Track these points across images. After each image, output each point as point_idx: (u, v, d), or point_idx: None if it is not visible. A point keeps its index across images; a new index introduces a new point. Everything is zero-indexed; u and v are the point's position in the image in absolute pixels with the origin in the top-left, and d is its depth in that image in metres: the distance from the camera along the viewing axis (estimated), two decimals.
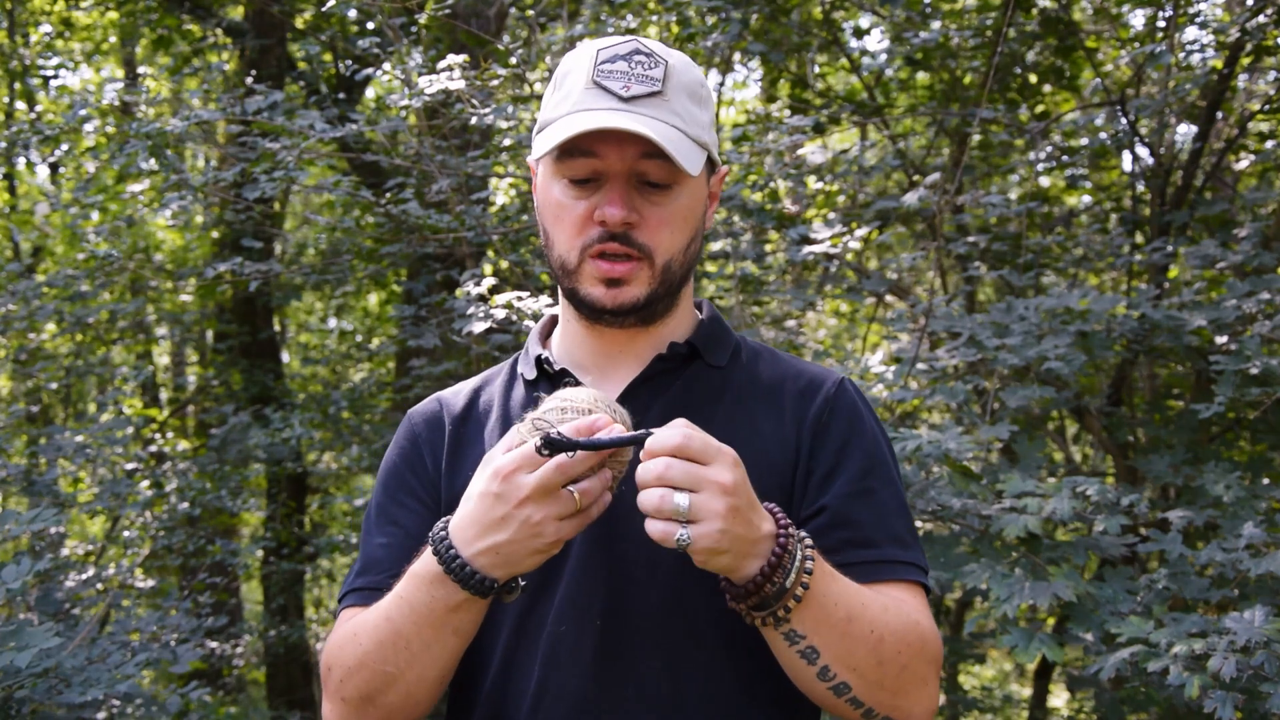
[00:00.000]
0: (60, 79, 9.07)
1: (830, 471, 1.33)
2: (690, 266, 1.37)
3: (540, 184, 1.38)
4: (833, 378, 1.41)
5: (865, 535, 1.30)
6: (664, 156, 1.28)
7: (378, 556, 1.37)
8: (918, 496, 2.86)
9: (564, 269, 1.34)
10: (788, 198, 5.11)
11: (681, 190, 1.33)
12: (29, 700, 2.60)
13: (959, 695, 5.43)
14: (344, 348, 8.59)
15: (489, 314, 3.25)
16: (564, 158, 1.31)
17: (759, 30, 4.93)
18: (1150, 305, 3.38)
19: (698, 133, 1.31)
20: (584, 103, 1.29)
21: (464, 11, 5.16)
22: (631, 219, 1.29)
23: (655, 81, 1.29)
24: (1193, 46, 4.18)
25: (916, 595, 1.31)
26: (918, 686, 1.25)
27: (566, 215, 1.32)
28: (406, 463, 1.42)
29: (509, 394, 1.45)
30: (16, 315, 5.06)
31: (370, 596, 1.32)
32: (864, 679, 1.21)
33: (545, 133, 1.32)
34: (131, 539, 5.16)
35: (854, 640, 1.19)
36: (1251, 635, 2.16)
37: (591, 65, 1.31)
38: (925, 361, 3.29)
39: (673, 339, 1.40)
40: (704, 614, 1.29)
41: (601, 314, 1.33)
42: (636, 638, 1.29)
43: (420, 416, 1.46)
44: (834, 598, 1.18)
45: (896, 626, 1.23)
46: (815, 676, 1.21)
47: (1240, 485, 2.93)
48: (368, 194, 4.12)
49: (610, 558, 1.30)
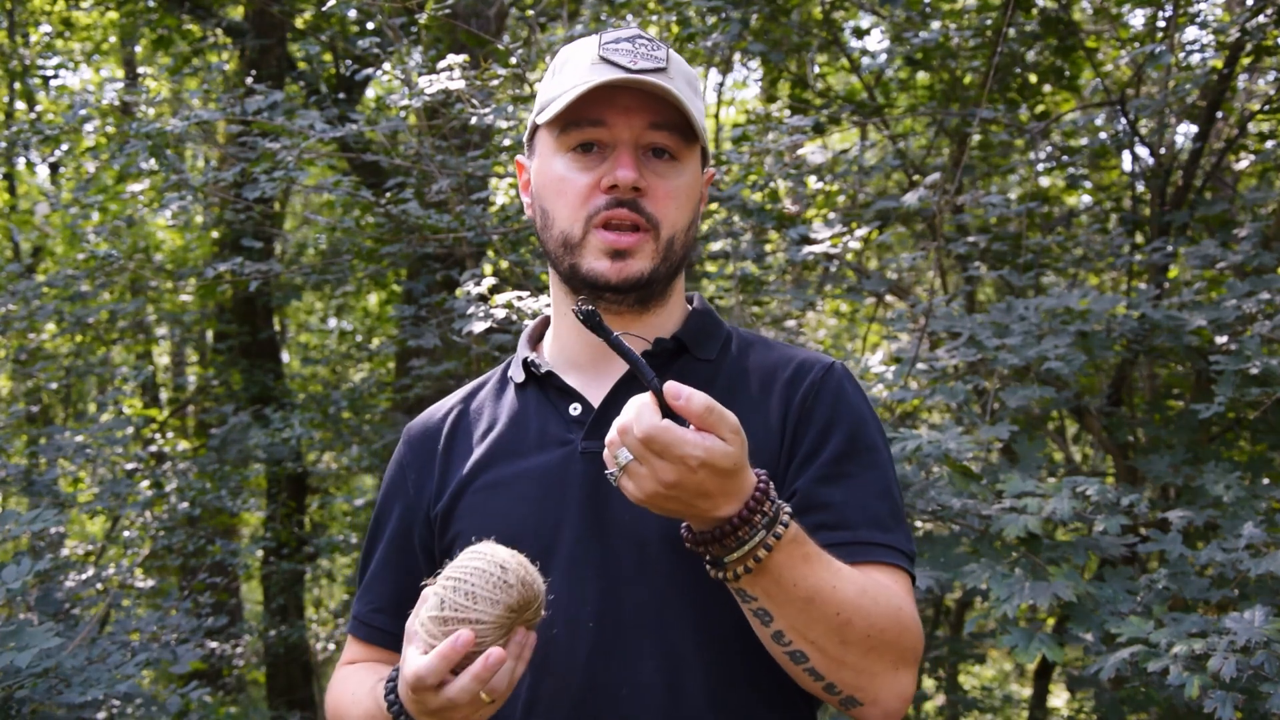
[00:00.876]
0: (60, 79, 9.08)
1: (809, 455, 1.32)
2: (688, 251, 1.38)
3: (539, 164, 1.37)
4: (822, 362, 1.40)
5: (838, 517, 1.28)
6: (672, 128, 1.30)
7: (376, 574, 1.48)
8: (918, 496, 2.85)
9: (566, 244, 1.33)
10: (788, 198, 5.11)
11: (685, 167, 1.34)
12: (29, 700, 2.60)
13: (959, 695, 5.43)
14: (344, 348, 8.59)
15: (489, 314, 3.25)
16: (570, 129, 1.31)
17: (759, 30, 4.92)
18: (1150, 305, 3.38)
19: (698, 117, 1.32)
20: (592, 75, 1.29)
21: (464, 11, 5.16)
22: (642, 184, 1.29)
23: (660, 60, 1.31)
24: (1193, 46, 4.17)
25: (899, 580, 1.29)
26: (887, 672, 1.22)
27: (570, 187, 1.32)
28: (393, 486, 1.48)
29: (499, 399, 1.45)
30: (16, 315, 5.06)
31: (369, 634, 1.45)
32: (824, 654, 1.19)
33: (552, 104, 1.32)
34: (131, 539, 5.16)
35: (813, 618, 1.17)
36: (1251, 635, 2.15)
37: (596, 46, 1.32)
38: (925, 361, 3.29)
39: (662, 331, 1.39)
40: (696, 610, 1.28)
41: (604, 290, 1.32)
42: (629, 637, 1.28)
43: (408, 439, 1.50)
44: (794, 579, 1.15)
45: (873, 612, 1.20)
46: (770, 638, 1.20)
47: (1240, 485, 2.92)
48: (368, 194, 4.11)
49: (599, 557, 1.30)
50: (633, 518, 1.29)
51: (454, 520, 1.38)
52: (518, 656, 1.14)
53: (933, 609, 5.58)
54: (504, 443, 1.39)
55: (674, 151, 1.32)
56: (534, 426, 1.39)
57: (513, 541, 1.30)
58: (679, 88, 1.30)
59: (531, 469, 1.35)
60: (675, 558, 1.27)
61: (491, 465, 1.38)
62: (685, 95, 1.31)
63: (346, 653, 1.50)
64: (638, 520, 1.29)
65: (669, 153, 1.32)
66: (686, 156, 1.34)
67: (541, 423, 1.38)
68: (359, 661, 1.47)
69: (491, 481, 1.37)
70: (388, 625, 1.43)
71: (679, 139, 1.32)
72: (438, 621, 1.13)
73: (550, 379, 1.40)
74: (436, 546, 1.41)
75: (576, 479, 1.33)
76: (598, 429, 1.33)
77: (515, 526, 1.32)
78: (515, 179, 4.44)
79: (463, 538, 1.35)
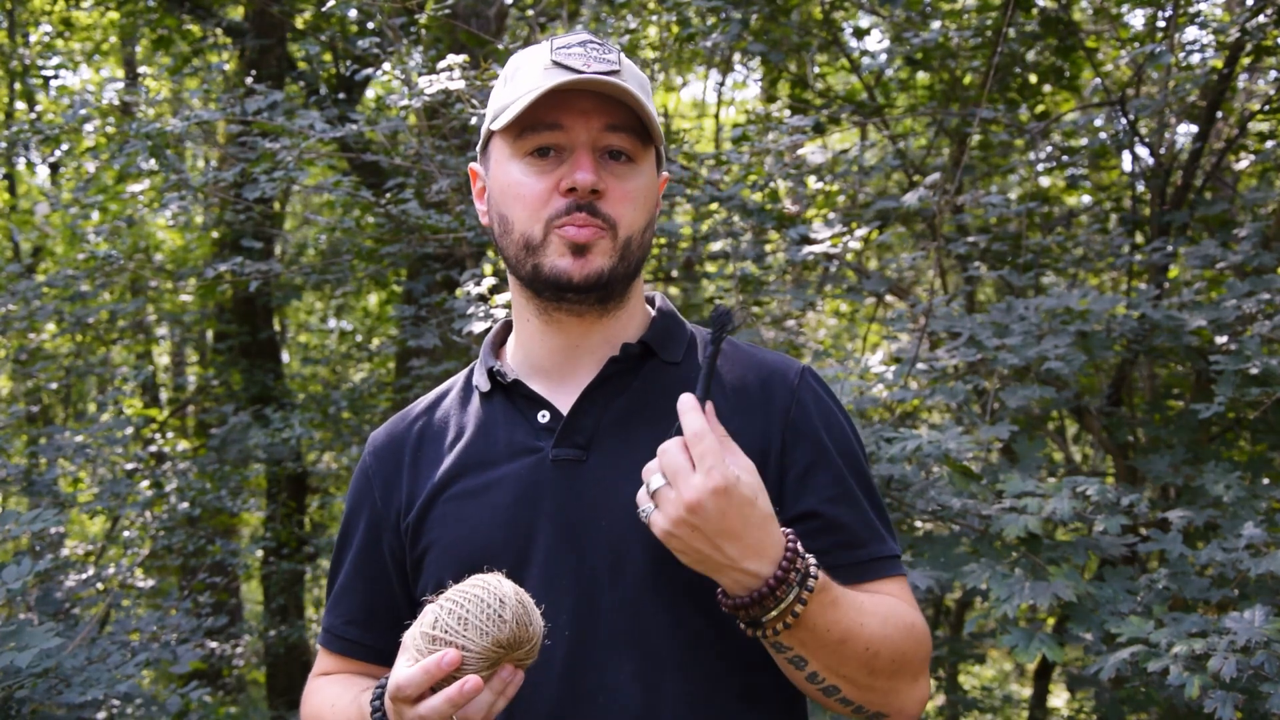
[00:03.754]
0: (60, 79, 9.08)
1: (807, 471, 1.33)
2: (645, 254, 1.37)
3: (494, 170, 1.36)
4: (795, 368, 1.40)
5: (851, 537, 1.32)
6: (628, 130, 1.30)
7: (345, 586, 1.47)
8: (918, 496, 2.86)
9: (527, 246, 1.32)
10: (788, 198, 5.11)
11: (642, 169, 1.34)
12: (29, 700, 2.60)
13: (959, 695, 5.43)
14: (344, 348, 8.59)
15: (489, 314, 3.25)
16: (526, 134, 1.31)
17: (759, 30, 4.92)
18: (1150, 305, 3.38)
19: (654, 120, 1.32)
20: (545, 80, 1.28)
21: (464, 11, 5.16)
22: (600, 185, 1.29)
23: (613, 63, 1.31)
24: (1193, 46, 4.17)
25: (902, 587, 1.34)
26: (909, 685, 1.28)
27: (528, 191, 1.31)
28: (359, 496, 1.47)
29: (464, 408, 1.44)
30: (16, 315, 5.06)
31: (344, 647, 1.45)
32: (854, 685, 1.24)
33: (506, 110, 1.32)
34: (131, 539, 5.16)
35: (844, 657, 1.21)
36: (1251, 635, 2.16)
37: (548, 52, 1.31)
38: (925, 361, 3.29)
39: (625, 335, 1.39)
40: (672, 615, 1.28)
41: (566, 290, 1.31)
42: (606, 644, 1.28)
43: (373, 449, 1.49)
44: (827, 624, 1.19)
45: (895, 638, 1.25)
46: (804, 679, 1.24)
47: (1240, 485, 2.93)
48: (368, 194, 4.12)
49: (574, 564, 1.30)
50: (608, 523, 1.29)
51: (425, 530, 1.37)
52: (499, 692, 1.14)
53: (933, 609, 5.58)
54: (473, 452, 1.38)
55: (630, 153, 1.32)
56: (502, 435, 1.38)
57: (486, 551, 1.30)
58: (634, 90, 1.30)
59: (502, 478, 1.34)
60: (651, 562, 1.27)
61: (462, 475, 1.37)
62: (640, 98, 1.31)
63: (319, 664, 1.49)
64: (613, 526, 1.29)
65: (626, 154, 1.32)
66: (643, 158, 1.34)
67: (509, 431, 1.37)
68: (333, 673, 1.46)
69: (462, 491, 1.36)
70: (360, 637, 1.43)
71: (636, 141, 1.32)
72: (428, 639, 1.14)
73: (517, 387, 1.39)
74: (408, 557, 1.40)
75: (548, 487, 1.32)
76: (567, 436, 1.33)
77: (488, 536, 1.32)
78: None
79: (435, 547, 1.35)
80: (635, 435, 1.31)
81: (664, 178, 1.43)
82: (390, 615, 1.40)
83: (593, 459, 1.32)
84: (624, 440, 1.32)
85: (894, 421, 3.53)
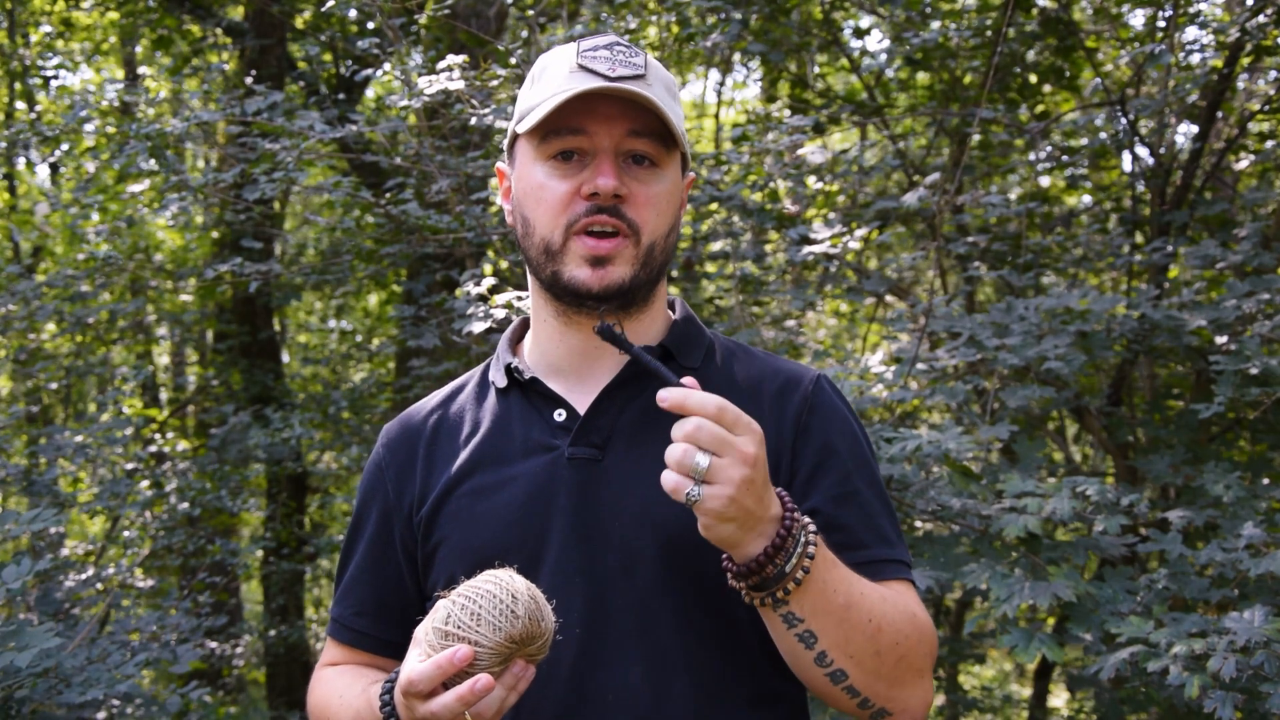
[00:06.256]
0: (60, 79, 9.05)
1: (814, 472, 1.33)
2: (669, 258, 1.37)
3: (519, 171, 1.37)
4: (809, 375, 1.41)
5: (855, 538, 1.31)
6: (652, 135, 1.30)
7: (355, 577, 1.46)
8: (918, 496, 2.85)
9: (547, 251, 1.32)
10: (788, 198, 5.10)
11: (665, 173, 1.34)
12: (29, 700, 2.60)
13: (959, 695, 5.43)
14: (344, 348, 8.59)
15: (489, 314, 3.25)
16: (550, 137, 1.31)
17: (759, 30, 4.93)
18: (1150, 305, 3.38)
19: (677, 123, 1.32)
20: (571, 84, 1.29)
21: (464, 11, 5.16)
22: (622, 190, 1.29)
23: (639, 67, 1.31)
24: (1193, 46, 4.18)
25: (909, 589, 1.33)
26: (914, 678, 1.26)
27: (550, 194, 1.31)
28: (371, 488, 1.47)
29: (480, 403, 1.44)
30: (16, 315, 5.06)
31: (352, 638, 1.44)
32: (861, 667, 1.22)
33: (532, 113, 1.32)
34: (131, 539, 5.16)
35: (852, 627, 1.20)
36: (1251, 635, 2.16)
37: (574, 54, 1.32)
38: (925, 361, 3.29)
39: (646, 338, 1.39)
40: (682, 616, 1.29)
41: (585, 299, 1.32)
42: (616, 643, 1.28)
43: (386, 441, 1.48)
44: (834, 584, 1.19)
45: (894, 617, 1.24)
46: (813, 662, 1.21)
47: (1240, 485, 2.93)
48: (368, 194, 4.12)
49: (587, 563, 1.30)
50: (620, 524, 1.29)
51: (438, 525, 1.37)
52: (510, 687, 1.14)
53: (933, 609, 5.57)
54: (488, 448, 1.38)
55: (654, 158, 1.32)
56: (518, 432, 1.38)
57: (499, 547, 1.30)
58: (658, 94, 1.30)
59: (517, 475, 1.35)
60: (662, 563, 1.28)
61: (476, 471, 1.37)
62: (664, 102, 1.30)
63: (326, 655, 1.49)
64: (625, 526, 1.29)
65: (649, 159, 1.32)
66: (666, 163, 1.34)
67: (526, 429, 1.38)
68: (341, 664, 1.46)
69: (477, 487, 1.36)
70: (369, 629, 1.43)
71: (659, 145, 1.32)
72: (440, 634, 1.14)
73: (534, 385, 1.39)
74: (419, 551, 1.40)
75: (563, 485, 1.32)
76: (584, 435, 1.33)
77: (501, 532, 1.32)
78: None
79: (448, 542, 1.35)
80: (651, 438, 1.30)
81: (689, 178, 1.43)
82: (400, 608, 1.41)
83: (609, 459, 1.32)
84: (640, 442, 1.32)
85: (894, 421, 3.53)
